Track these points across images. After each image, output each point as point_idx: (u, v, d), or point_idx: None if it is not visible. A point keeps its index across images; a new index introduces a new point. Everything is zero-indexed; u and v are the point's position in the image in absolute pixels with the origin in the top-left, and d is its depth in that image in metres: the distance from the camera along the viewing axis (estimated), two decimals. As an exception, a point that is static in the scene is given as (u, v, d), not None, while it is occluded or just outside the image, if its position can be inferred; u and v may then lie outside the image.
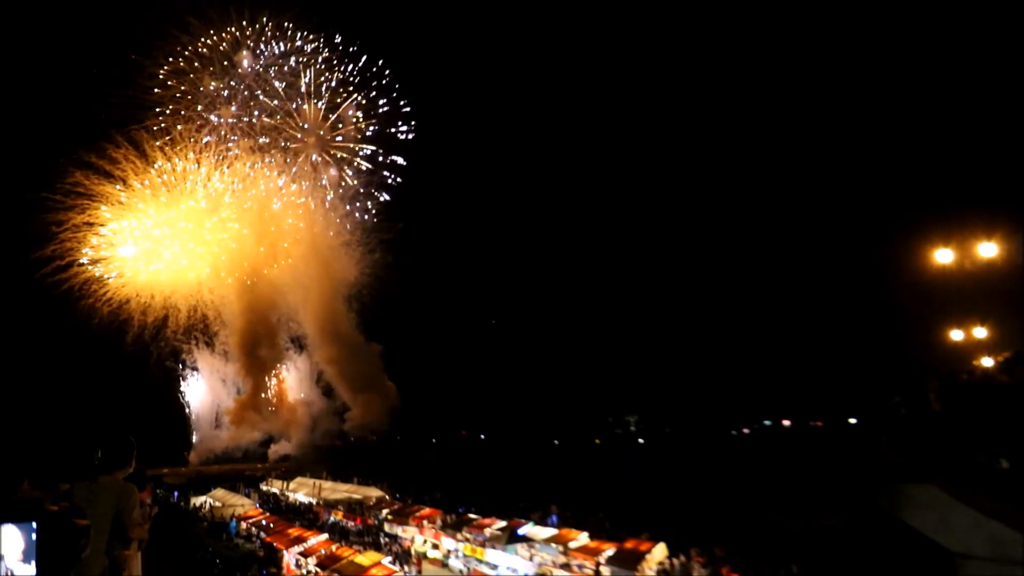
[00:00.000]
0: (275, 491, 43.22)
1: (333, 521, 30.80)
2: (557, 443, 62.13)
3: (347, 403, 70.61)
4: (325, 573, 21.46)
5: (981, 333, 18.16)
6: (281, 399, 72.86)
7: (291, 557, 24.47)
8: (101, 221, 63.65)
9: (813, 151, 58.13)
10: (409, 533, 26.09)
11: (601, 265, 70.82)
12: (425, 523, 25.79)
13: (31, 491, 4.02)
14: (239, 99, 67.45)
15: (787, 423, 53.84)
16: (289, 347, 73.69)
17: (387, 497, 33.13)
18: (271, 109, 68.31)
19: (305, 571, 23.18)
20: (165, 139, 64.04)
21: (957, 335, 18.53)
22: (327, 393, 72.04)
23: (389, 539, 26.31)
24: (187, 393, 72.47)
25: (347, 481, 40.21)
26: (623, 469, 43.66)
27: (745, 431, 56.30)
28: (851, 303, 53.42)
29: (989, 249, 16.76)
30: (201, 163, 66.00)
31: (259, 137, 68.11)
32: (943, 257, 17.55)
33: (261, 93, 67.95)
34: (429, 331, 71.50)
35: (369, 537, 26.90)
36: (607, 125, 73.53)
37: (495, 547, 21.90)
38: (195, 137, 65.62)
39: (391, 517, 27.86)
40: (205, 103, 66.26)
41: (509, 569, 21.09)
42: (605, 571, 18.26)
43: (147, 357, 67.21)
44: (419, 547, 24.89)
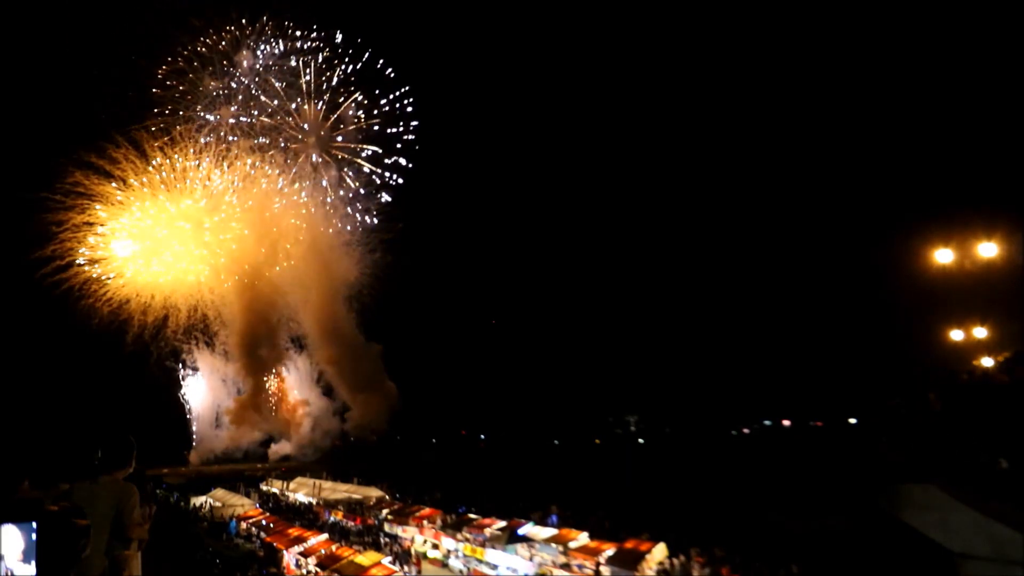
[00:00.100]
0: (275, 491, 43.23)
1: (333, 521, 30.79)
2: (557, 443, 62.16)
3: (347, 403, 70.65)
4: (325, 573, 21.46)
5: (981, 333, 18.18)
6: (281, 399, 72.84)
7: (291, 557, 24.47)
8: (101, 221, 63.73)
9: (813, 151, 58.16)
10: (409, 533, 26.09)
11: (601, 265, 70.90)
12: (425, 523, 25.80)
13: (31, 491, 4.03)
14: (239, 99, 67.59)
15: (787, 423, 53.85)
16: (289, 347, 73.64)
17: (387, 497, 33.14)
18: (271, 109, 68.44)
19: (305, 571, 23.17)
20: (165, 139, 64.13)
21: (957, 335, 18.56)
22: (327, 393, 72.00)
23: (389, 539, 26.30)
24: (187, 393, 72.34)
25: (347, 481, 40.25)
26: (623, 469, 43.68)
27: (745, 431, 56.34)
28: (851, 303, 53.44)
29: (989, 249, 16.79)
30: (201, 163, 66.10)
31: (259, 137, 68.22)
32: (943, 257, 17.58)
33: (261, 93, 68.05)
34: (429, 331, 71.57)
35: (369, 537, 26.89)
36: (607, 125, 73.59)
37: (495, 547, 21.90)
38: (195, 137, 65.70)
39: (391, 517, 27.86)
40: (205, 103, 66.39)
41: (509, 569, 21.09)
42: (605, 571, 18.27)
43: (147, 357, 67.13)
44: (419, 547, 24.90)
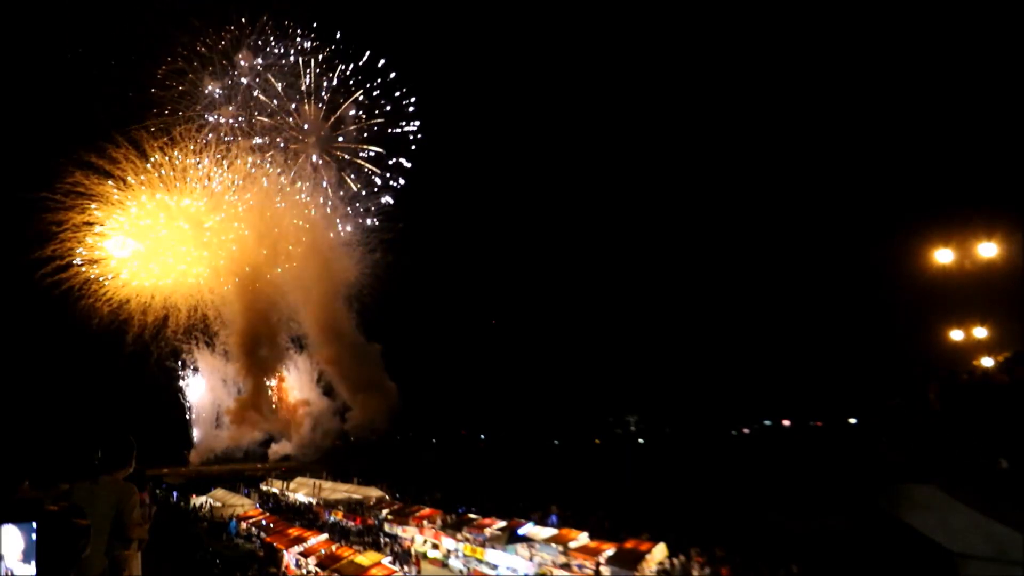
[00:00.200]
0: (275, 491, 43.22)
1: (333, 521, 30.77)
2: (557, 443, 62.17)
3: (347, 403, 70.68)
4: (325, 573, 21.45)
5: (981, 333, 18.17)
6: (281, 399, 72.90)
7: (291, 557, 24.46)
8: (100, 221, 63.78)
9: (813, 151, 58.18)
10: (409, 533, 26.08)
11: (601, 265, 70.91)
12: (425, 523, 25.79)
13: (31, 491, 4.04)
14: (239, 99, 67.62)
15: (787, 423, 53.89)
16: (289, 347, 73.71)
17: (387, 497, 33.13)
18: (271, 109, 68.48)
19: (305, 571, 23.16)
20: (165, 139, 64.17)
21: (957, 335, 18.54)
22: (327, 393, 72.03)
23: (389, 539, 26.28)
24: (187, 393, 72.46)
25: (347, 481, 40.24)
26: (623, 469, 43.69)
27: (745, 431, 56.38)
28: (851, 303, 53.47)
29: (989, 249, 16.78)
30: (201, 163, 66.14)
31: (259, 137, 68.26)
32: (943, 257, 17.57)
33: (261, 93, 68.09)
34: (429, 331, 71.59)
35: (369, 537, 26.87)
36: (607, 125, 73.59)
37: (495, 547, 21.89)
38: (195, 137, 65.74)
39: (391, 517, 27.85)
40: (205, 103, 66.42)
41: (509, 569, 21.07)
42: (605, 571, 18.26)
43: (147, 357, 67.20)
44: (419, 547, 24.88)
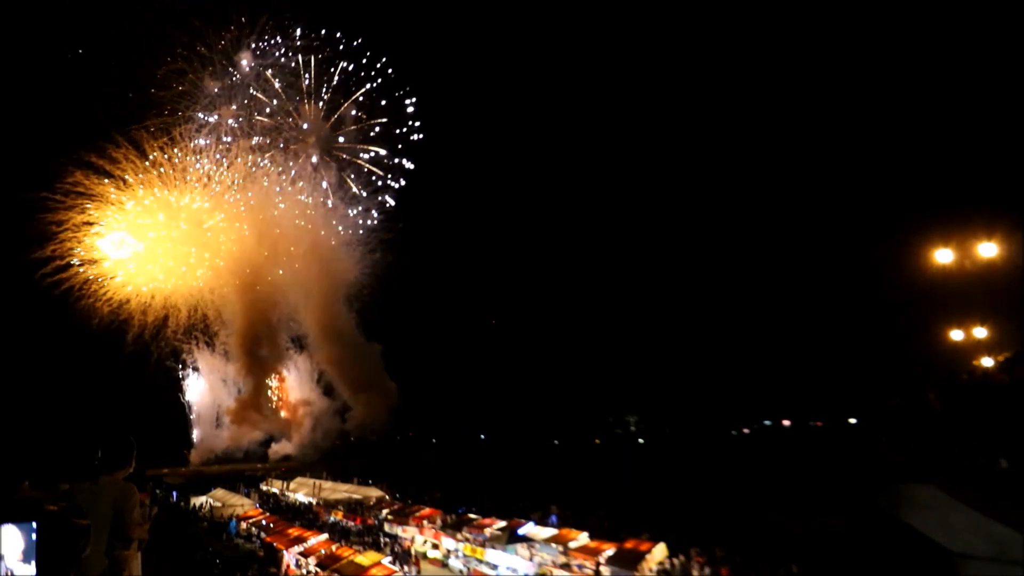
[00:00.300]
0: (275, 491, 43.22)
1: (333, 521, 30.77)
2: (557, 443, 62.17)
3: (348, 403, 70.64)
4: (325, 573, 21.44)
5: (981, 333, 18.16)
6: (282, 399, 72.88)
7: (291, 557, 24.46)
8: (101, 221, 63.74)
9: (813, 151, 58.18)
10: (409, 533, 26.08)
11: (601, 265, 70.94)
12: (425, 523, 25.79)
13: (31, 491, 4.03)
14: (239, 99, 67.57)
15: (787, 423, 53.90)
16: (290, 347, 73.64)
17: (387, 497, 33.13)
18: (271, 109, 68.43)
19: (305, 571, 23.16)
20: (164, 139, 64.11)
21: (957, 335, 18.54)
22: (328, 393, 71.93)
23: (389, 539, 26.27)
24: (187, 393, 72.42)
25: (347, 481, 40.24)
26: (623, 469, 43.70)
27: (745, 431, 56.40)
28: (851, 303, 53.48)
29: (989, 249, 16.78)
30: (201, 163, 66.11)
31: (259, 137, 68.21)
32: (943, 257, 17.58)
33: (261, 93, 68.04)
34: (429, 331, 71.61)
35: (369, 537, 26.85)
36: (608, 126, 73.62)
37: (495, 547, 21.89)
38: (195, 137, 65.72)
39: (391, 517, 27.85)
40: (205, 103, 66.36)
41: (509, 569, 21.07)
42: (605, 571, 18.26)
43: (147, 357, 67.11)
44: (419, 547, 24.88)
